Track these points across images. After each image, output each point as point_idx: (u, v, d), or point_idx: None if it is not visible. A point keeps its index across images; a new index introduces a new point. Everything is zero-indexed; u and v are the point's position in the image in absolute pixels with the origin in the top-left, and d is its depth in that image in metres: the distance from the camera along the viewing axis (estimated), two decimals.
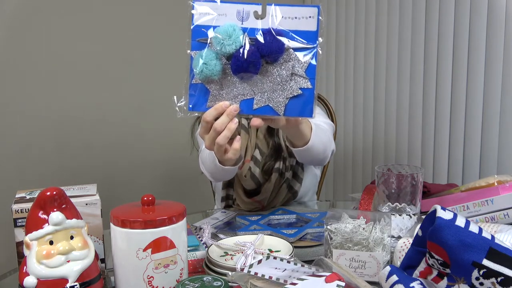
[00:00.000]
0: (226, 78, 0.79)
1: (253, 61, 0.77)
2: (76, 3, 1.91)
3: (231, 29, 0.77)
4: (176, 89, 1.20)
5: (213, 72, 0.78)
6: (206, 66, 0.78)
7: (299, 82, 0.77)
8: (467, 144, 1.71)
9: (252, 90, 0.79)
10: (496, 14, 1.57)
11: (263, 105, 0.79)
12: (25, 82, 1.87)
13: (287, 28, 0.78)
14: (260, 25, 0.79)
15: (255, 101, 0.79)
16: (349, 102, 2.20)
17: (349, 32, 2.15)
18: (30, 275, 0.73)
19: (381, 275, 0.75)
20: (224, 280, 0.75)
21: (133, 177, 2.04)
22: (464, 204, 1.03)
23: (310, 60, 0.77)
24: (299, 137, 1.02)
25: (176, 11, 2.14)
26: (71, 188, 0.92)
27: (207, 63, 0.78)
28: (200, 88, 0.80)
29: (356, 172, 2.21)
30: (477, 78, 1.65)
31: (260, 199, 1.27)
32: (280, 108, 0.78)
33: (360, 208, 1.09)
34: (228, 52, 0.77)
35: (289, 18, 0.78)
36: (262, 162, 1.27)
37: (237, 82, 0.79)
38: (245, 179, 1.25)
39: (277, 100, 0.78)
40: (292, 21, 0.78)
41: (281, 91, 0.78)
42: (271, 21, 0.78)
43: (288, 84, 0.78)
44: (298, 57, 0.77)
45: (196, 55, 0.81)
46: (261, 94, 0.79)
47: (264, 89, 0.78)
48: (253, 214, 1.21)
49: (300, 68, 0.78)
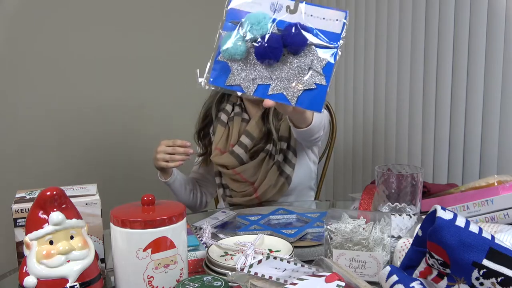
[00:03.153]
0: (248, 60, 0.83)
1: (275, 47, 0.81)
2: (76, 3, 1.91)
3: (261, 17, 0.82)
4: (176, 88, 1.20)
5: (237, 52, 0.82)
6: (232, 45, 0.83)
7: (315, 77, 0.81)
8: (467, 144, 1.71)
9: (270, 76, 0.83)
10: (496, 14, 1.57)
11: (277, 92, 0.82)
12: (25, 82, 1.86)
13: (314, 26, 0.83)
14: (289, 19, 0.83)
15: (271, 87, 0.83)
16: (349, 102, 2.20)
17: (349, 32, 2.15)
18: (30, 275, 0.73)
19: (381, 275, 0.75)
20: (224, 280, 0.75)
21: (133, 177, 2.04)
22: (464, 204, 1.03)
23: (329, 58, 0.81)
24: (303, 121, 1.12)
25: (176, 11, 2.14)
26: (71, 188, 0.92)
27: (234, 43, 0.83)
28: (223, 66, 0.85)
29: (356, 172, 2.21)
30: (477, 78, 1.64)
31: (246, 177, 1.37)
32: (293, 98, 0.82)
33: (360, 208, 1.09)
34: (254, 36, 0.82)
35: (317, 18, 0.83)
36: (251, 145, 1.39)
37: (258, 66, 0.83)
38: (225, 156, 1.39)
39: (292, 90, 0.82)
40: (320, 20, 0.83)
41: (297, 82, 0.81)
42: (300, 17, 0.83)
43: (305, 77, 0.81)
44: (318, 54, 0.82)
45: (226, 34, 0.85)
46: (278, 82, 0.82)
47: (282, 77, 0.82)
48: (253, 214, 1.21)
49: (318, 64, 0.82)
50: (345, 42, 2.14)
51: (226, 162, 1.39)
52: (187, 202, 1.52)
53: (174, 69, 2.14)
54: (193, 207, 1.57)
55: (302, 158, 1.46)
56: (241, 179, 1.39)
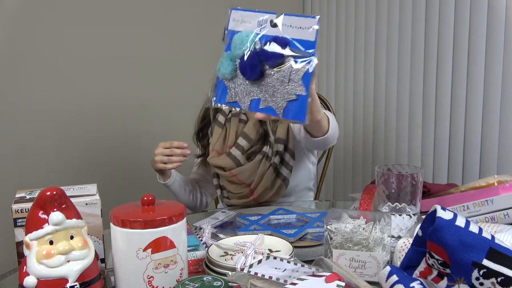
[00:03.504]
0: (238, 78, 0.86)
1: (252, 64, 0.83)
2: (76, 3, 1.91)
3: (244, 35, 0.85)
4: (176, 88, 1.19)
5: (226, 71, 0.86)
6: (221, 65, 0.86)
7: (295, 88, 0.81)
8: (467, 144, 1.71)
9: (259, 91, 0.85)
10: (496, 14, 1.57)
11: (267, 106, 0.84)
12: (25, 82, 1.86)
13: (290, 36, 0.83)
14: (271, 32, 0.84)
15: (261, 101, 0.85)
16: (349, 102, 2.20)
17: (349, 32, 2.15)
18: (30, 275, 0.73)
19: (381, 275, 0.75)
20: (224, 280, 0.75)
21: (133, 177, 2.04)
22: (464, 204, 1.03)
23: (306, 68, 0.81)
24: (319, 130, 1.12)
25: (176, 11, 2.14)
26: (71, 188, 0.92)
27: (222, 63, 0.86)
28: (222, 85, 0.88)
29: (356, 172, 2.21)
30: (477, 78, 1.65)
31: (243, 179, 1.37)
32: (280, 110, 0.83)
33: (360, 208, 1.09)
34: (239, 55, 0.85)
35: (295, 27, 0.83)
36: (248, 147, 1.39)
37: (247, 82, 0.85)
38: (222, 158, 1.39)
39: (277, 102, 0.83)
40: (297, 30, 0.83)
41: (280, 94, 0.82)
42: (278, 30, 0.84)
43: (285, 88, 0.82)
44: (295, 64, 0.82)
45: (223, 55, 0.89)
46: (266, 95, 0.84)
47: (267, 91, 0.84)
48: (253, 214, 1.21)
49: (296, 75, 0.81)
50: (345, 42, 2.18)
51: (223, 163, 1.39)
52: (187, 203, 1.52)
53: (174, 69, 2.14)
54: (193, 207, 1.57)
55: (302, 160, 1.46)
56: (238, 181, 1.39)
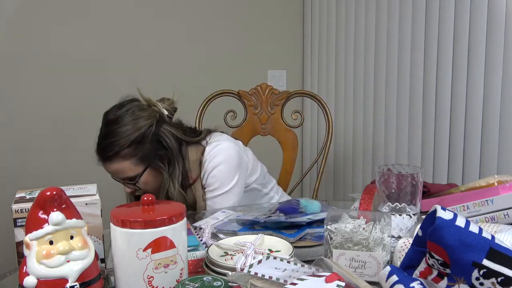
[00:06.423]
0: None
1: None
2: (76, 3, 1.91)
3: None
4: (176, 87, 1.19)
5: None
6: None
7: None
8: (467, 144, 1.71)
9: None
10: (496, 14, 1.57)
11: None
12: (26, 82, 1.86)
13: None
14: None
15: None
16: (349, 102, 2.20)
17: (350, 32, 2.15)
18: (30, 275, 0.73)
19: (381, 275, 0.75)
20: (224, 280, 0.75)
21: None
22: (464, 204, 1.03)
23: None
24: None
25: (176, 11, 2.14)
26: (71, 188, 0.92)
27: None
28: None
29: (356, 172, 2.21)
30: (477, 78, 1.64)
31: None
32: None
33: (360, 208, 1.09)
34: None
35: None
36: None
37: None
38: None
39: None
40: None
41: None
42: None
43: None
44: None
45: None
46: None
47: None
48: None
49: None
50: (345, 42, 2.17)
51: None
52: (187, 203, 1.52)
53: (174, 69, 2.14)
54: (194, 208, 1.57)
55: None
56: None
